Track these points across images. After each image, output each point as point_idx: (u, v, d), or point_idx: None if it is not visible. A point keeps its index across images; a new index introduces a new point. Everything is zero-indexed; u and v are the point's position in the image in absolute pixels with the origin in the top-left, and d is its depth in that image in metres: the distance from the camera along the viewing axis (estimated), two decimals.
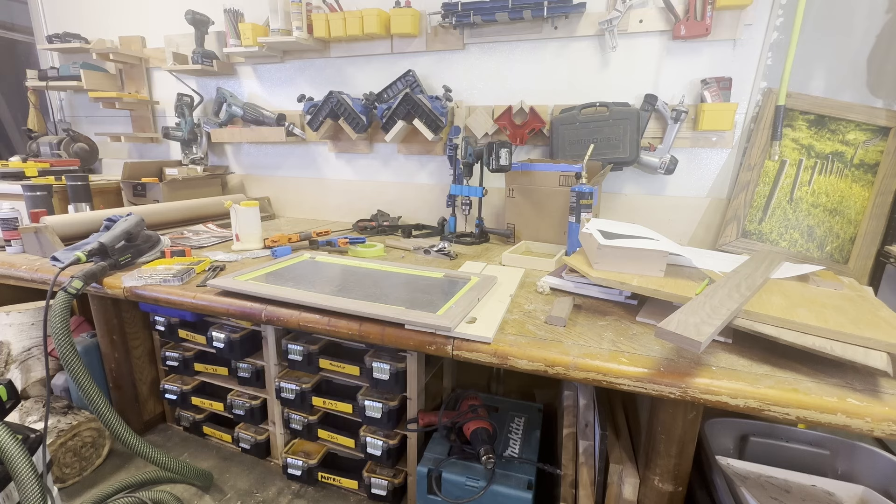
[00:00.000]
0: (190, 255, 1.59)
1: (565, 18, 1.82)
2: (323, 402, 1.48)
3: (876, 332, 0.86)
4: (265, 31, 2.20)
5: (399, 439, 1.41)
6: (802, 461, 1.20)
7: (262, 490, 1.51)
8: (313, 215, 2.54)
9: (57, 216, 1.67)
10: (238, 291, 1.24)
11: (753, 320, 0.93)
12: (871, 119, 1.59)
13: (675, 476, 1.02)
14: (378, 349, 1.39)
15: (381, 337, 1.06)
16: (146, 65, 2.63)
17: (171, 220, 2.08)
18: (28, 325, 1.66)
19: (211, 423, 1.73)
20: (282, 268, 1.44)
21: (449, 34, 2.02)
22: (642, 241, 1.17)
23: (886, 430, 0.74)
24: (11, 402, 1.07)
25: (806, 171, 1.68)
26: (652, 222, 1.84)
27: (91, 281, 1.33)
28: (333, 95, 2.07)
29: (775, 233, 1.72)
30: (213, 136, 2.51)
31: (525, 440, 1.39)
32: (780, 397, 0.79)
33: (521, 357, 0.94)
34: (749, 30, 1.66)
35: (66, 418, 1.51)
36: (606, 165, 1.73)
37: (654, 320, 1.07)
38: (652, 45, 1.78)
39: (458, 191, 1.86)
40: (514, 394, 1.90)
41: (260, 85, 2.45)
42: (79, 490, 1.49)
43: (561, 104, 1.93)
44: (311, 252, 1.65)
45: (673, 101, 1.78)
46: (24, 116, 2.78)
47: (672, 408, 0.97)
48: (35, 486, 0.97)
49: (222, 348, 1.52)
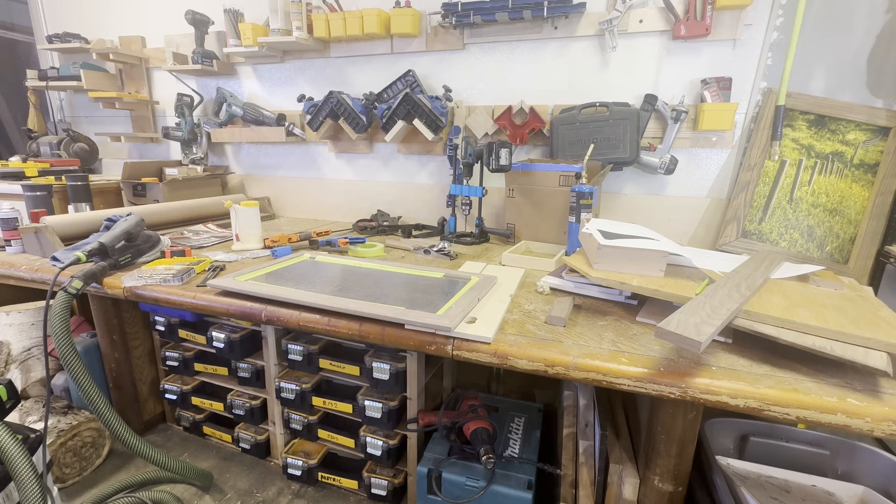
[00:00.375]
0: (190, 255, 1.59)
1: (565, 18, 1.82)
2: (323, 402, 1.48)
3: (876, 332, 0.86)
4: (265, 31, 2.20)
5: (399, 439, 1.41)
6: (802, 461, 1.20)
7: (262, 490, 1.52)
8: (313, 215, 2.54)
9: (57, 216, 1.67)
10: (238, 291, 1.24)
11: (753, 320, 0.93)
12: (871, 119, 1.59)
13: (675, 476, 1.02)
14: (378, 349, 1.39)
15: (381, 337, 1.06)
16: (146, 65, 2.63)
17: (171, 220, 2.08)
18: (28, 325, 1.66)
19: (211, 423, 1.73)
20: (282, 268, 1.44)
21: (449, 34, 2.02)
22: (642, 241, 1.17)
23: (886, 430, 0.74)
24: (11, 402, 1.07)
25: (806, 171, 1.68)
26: (652, 222, 1.84)
27: (91, 281, 1.33)
28: (333, 95, 2.07)
29: (775, 233, 1.72)
30: (213, 136, 2.51)
31: (525, 440, 1.39)
32: (780, 397, 0.79)
33: (521, 357, 0.94)
34: (749, 30, 1.66)
35: (66, 418, 1.51)
36: (606, 165, 1.73)
37: (654, 320, 1.07)
38: (652, 45, 1.78)
39: (458, 191, 1.87)
40: (514, 394, 1.90)
41: (260, 85, 2.45)
42: (79, 490, 1.49)
43: (561, 104, 1.93)
44: (312, 252, 1.65)
45: (673, 101, 1.78)
46: (24, 116, 2.78)
47: (672, 408, 0.98)
48: (35, 486, 0.97)
49: (222, 348, 1.52)
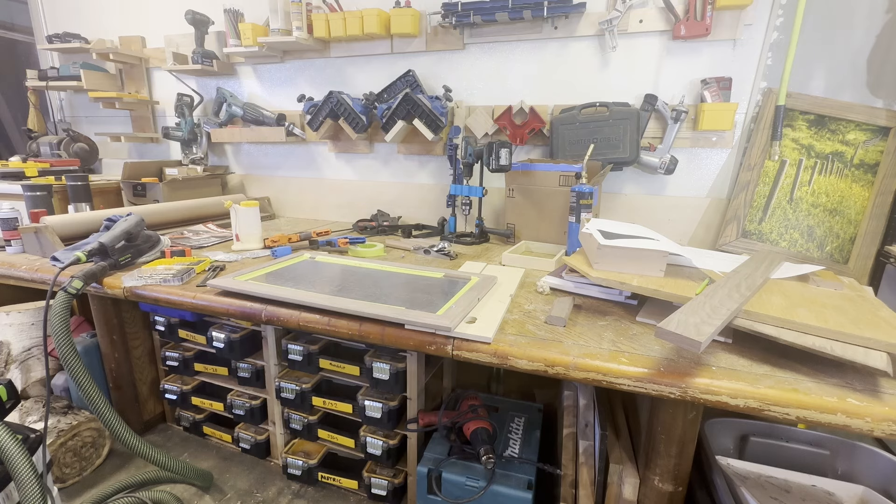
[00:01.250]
0: (190, 255, 1.59)
1: (565, 18, 1.82)
2: (323, 402, 1.48)
3: (876, 332, 0.86)
4: (265, 31, 2.20)
5: (399, 439, 1.41)
6: (802, 461, 1.20)
7: (262, 490, 1.52)
8: (313, 215, 2.54)
9: (57, 216, 1.67)
10: (238, 291, 1.24)
11: (753, 320, 0.93)
12: (871, 119, 1.59)
13: (675, 476, 1.02)
14: (378, 349, 1.39)
15: (381, 337, 1.06)
16: (146, 65, 2.63)
17: (171, 220, 2.08)
18: (28, 325, 1.66)
19: (211, 423, 1.73)
20: (282, 268, 1.44)
21: (449, 34, 2.02)
22: (642, 241, 1.17)
23: (886, 430, 0.74)
24: (11, 402, 1.07)
25: (806, 171, 1.68)
26: (652, 222, 1.84)
27: (91, 281, 1.33)
28: (333, 95, 2.07)
29: (775, 233, 1.72)
30: (213, 136, 2.51)
31: (525, 440, 1.39)
32: (780, 397, 0.79)
33: (521, 357, 0.94)
34: (749, 30, 1.66)
35: (66, 418, 1.51)
36: (606, 165, 1.73)
37: (654, 320, 1.07)
38: (652, 45, 1.78)
39: (458, 191, 1.86)
40: (514, 394, 1.90)
41: (260, 85, 2.45)
42: (79, 490, 1.49)
43: (561, 104, 1.93)
44: (312, 252, 1.65)
45: (673, 101, 1.78)
46: (24, 116, 2.78)
47: (672, 408, 0.98)
48: (35, 486, 0.97)
49: (222, 348, 1.52)
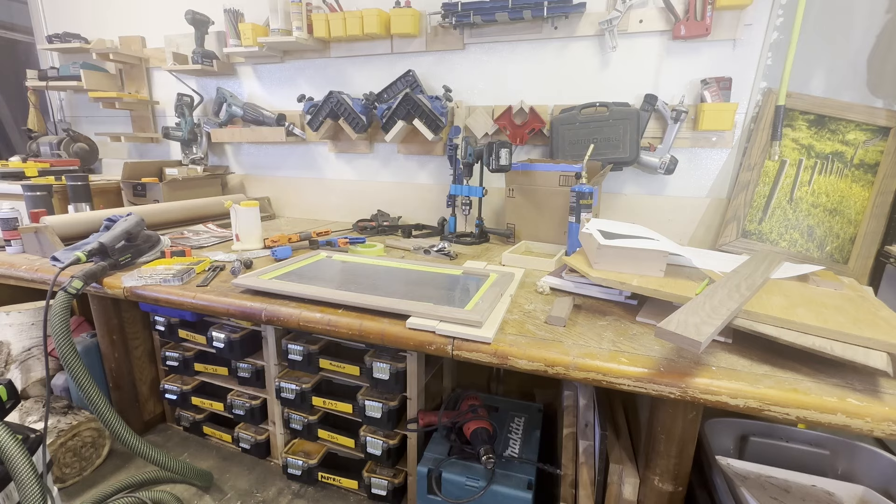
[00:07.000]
0: (190, 255, 1.59)
1: (565, 18, 1.82)
2: (323, 402, 1.48)
3: (876, 332, 0.86)
4: (265, 31, 2.20)
5: (399, 439, 1.41)
6: (802, 461, 1.20)
7: (262, 490, 1.52)
8: (313, 215, 2.54)
9: (57, 216, 1.67)
10: (266, 290, 1.23)
11: (753, 320, 0.93)
12: (871, 119, 1.59)
13: (675, 476, 1.02)
14: (378, 349, 1.39)
15: (382, 336, 1.06)
16: (146, 65, 2.63)
17: (171, 220, 2.08)
18: (28, 325, 1.66)
19: (211, 423, 1.73)
20: (301, 266, 1.45)
21: (449, 34, 2.02)
22: (642, 241, 1.17)
23: (886, 430, 0.74)
24: (11, 402, 1.07)
25: (806, 171, 1.68)
26: (652, 222, 1.83)
27: (91, 281, 1.33)
28: (333, 95, 2.07)
29: (775, 233, 1.72)
30: (213, 136, 2.51)
31: (525, 440, 1.39)
32: (780, 397, 0.79)
33: (521, 357, 0.94)
34: (749, 30, 1.66)
35: (66, 418, 1.51)
36: (606, 165, 1.73)
37: (654, 320, 1.06)
38: (652, 45, 1.78)
39: (458, 191, 1.86)
40: (514, 394, 1.90)
41: (260, 85, 2.45)
42: (79, 490, 1.49)
43: (561, 104, 1.93)
44: (328, 251, 1.65)
45: (673, 101, 1.78)
46: (24, 116, 2.78)
47: (672, 408, 0.98)
48: (35, 486, 0.97)
49: (222, 348, 1.52)
